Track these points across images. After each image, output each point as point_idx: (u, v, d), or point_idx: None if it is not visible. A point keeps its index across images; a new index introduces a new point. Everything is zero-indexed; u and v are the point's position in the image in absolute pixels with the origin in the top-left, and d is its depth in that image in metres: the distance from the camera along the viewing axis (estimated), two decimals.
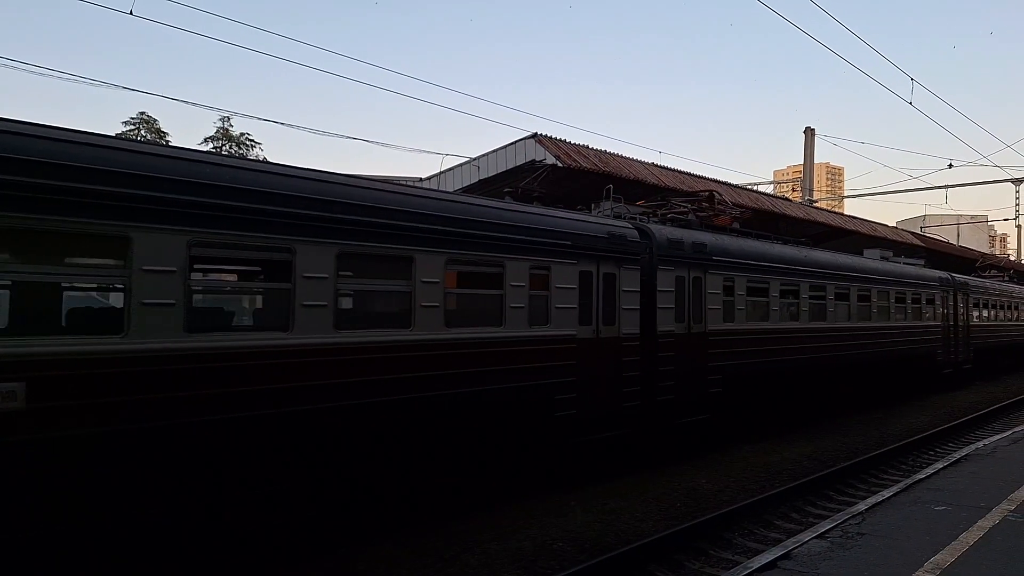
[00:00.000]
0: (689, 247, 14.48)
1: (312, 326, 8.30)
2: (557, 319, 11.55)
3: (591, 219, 13.08)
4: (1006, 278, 39.94)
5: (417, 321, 9.48)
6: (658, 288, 13.49)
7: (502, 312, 10.75)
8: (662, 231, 14.18)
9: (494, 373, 10.46)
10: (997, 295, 34.03)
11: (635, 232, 13.46)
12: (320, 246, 8.42)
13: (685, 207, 16.97)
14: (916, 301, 24.37)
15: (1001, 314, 34.62)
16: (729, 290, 15.37)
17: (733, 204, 19.27)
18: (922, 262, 27.85)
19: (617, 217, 14.41)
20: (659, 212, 16.29)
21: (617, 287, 12.66)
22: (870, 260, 23.14)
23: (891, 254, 26.20)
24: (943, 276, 27.31)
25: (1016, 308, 37.34)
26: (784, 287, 17.26)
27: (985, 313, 32.06)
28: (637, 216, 15.01)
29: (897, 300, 22.92)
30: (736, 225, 17.99)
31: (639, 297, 13.05)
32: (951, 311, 27.21)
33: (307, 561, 8.34)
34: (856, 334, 20.39)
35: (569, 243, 11.80)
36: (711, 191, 17.79)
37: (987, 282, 34.21)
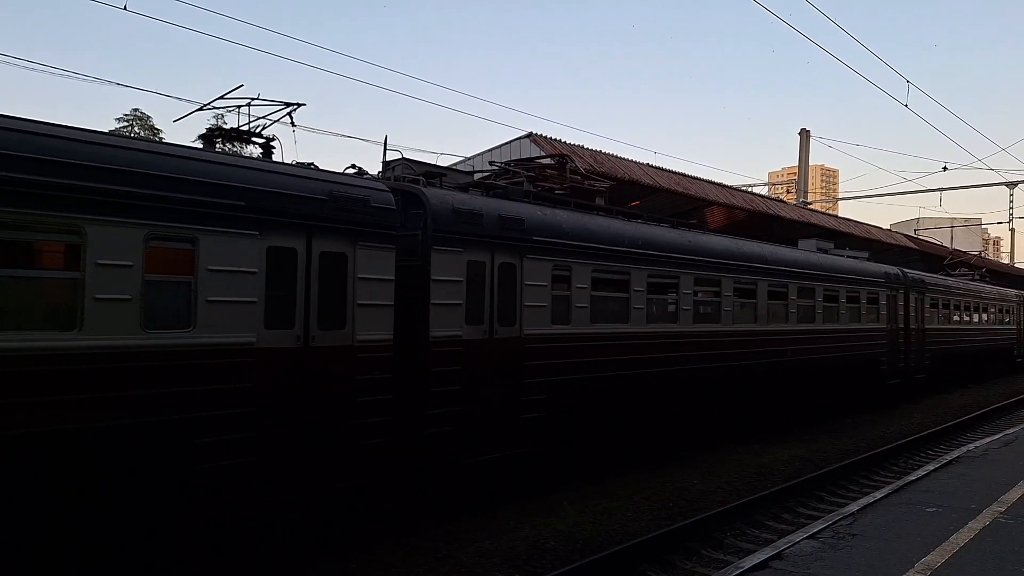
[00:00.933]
0: (493, 222, 10.77)
1: None
2: (210, 319, 7.65)
3: (296, 171, 9.04)
4: (977, 276, 36.78)
5: None
6: (434, 277, 9.85)
7: (79, 309, 6.84)
8: (445, 198, 10.42)
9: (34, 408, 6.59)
10: (962, 295, 30.33)
11: (388, 196, 9.51)
12: None
13: (521, 174, 13.32)
14: (853, 300, 20.76)
15: (967, 317, 30.88)
16: (562, 282, 11.89)
17: (599, 174, 16.31)
18: (866, 255, 24.25)
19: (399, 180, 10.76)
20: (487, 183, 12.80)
21: (349, 274, 8.88)
22: (790, 250, 19.25)
23: (831, 245, 22.82)
24: (891, 272, 23.62)
25: (986, 310, 33.89)
26: (655, 280, 13.72)
27: (947, 315, 28.24)
28: (416, 179, 10.94)
29: (827, 299, 19.39)
30: (601, 201, 14.74)
31: (394, 288, 9.36)
32: (901, 312, 23.67)
33: (298, 563, 8.33)
34: (765, 339, 16.66)
35: (242, 203, 7.94)
36: (561, 154, 13.92)
37: (949, 280, 30.44)
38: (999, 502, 9.02)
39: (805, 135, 44.36)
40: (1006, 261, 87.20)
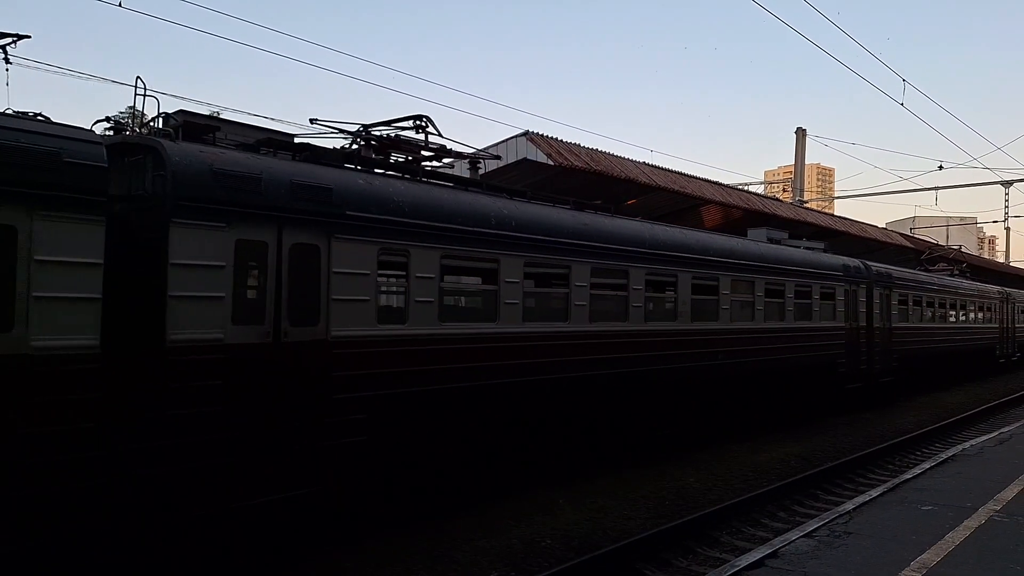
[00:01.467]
0: (281, 190, 8.33)
1: None
2: None
3: None
4: (957, 272, 34.51)
5: None
6: (175, 260, 7.40)
7: None
8: (200, 156, 7.87)
9: None
10: (937, 291, 28.13)
11: (96, 150, 7.03)
12: None
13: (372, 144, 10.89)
14: (804, 295, 18.52)
15: (943, 314, 28.67)
16: (396, 270, 9.63)
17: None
18: (822, 246, 21.94)
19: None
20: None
21: (21, 254, 6.46)
22: (724, 239, 16.81)
23: (786, 235, 20.79)
24: (851, 264, 21.50)
25: (964, 307, 31.64)
26: (536, 270, 11.53)
27: (919, 312, 26.15)
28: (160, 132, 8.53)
29: (770, 294, 17.12)
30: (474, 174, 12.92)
31: (102, 275, 6.90)
32: (863, 309, 21.58)
33: (294, 561, 8.31)
34: (689, 339, 14.37)
35: None
36: (420, 115, 11.25)
37: (921, 275, 28.13)
38: (995, 500, 9.04)
39: (801, 134, 44.41)
40: (1001, 260, 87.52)
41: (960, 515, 8.36)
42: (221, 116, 10.91)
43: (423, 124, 11.22)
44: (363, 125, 10.98)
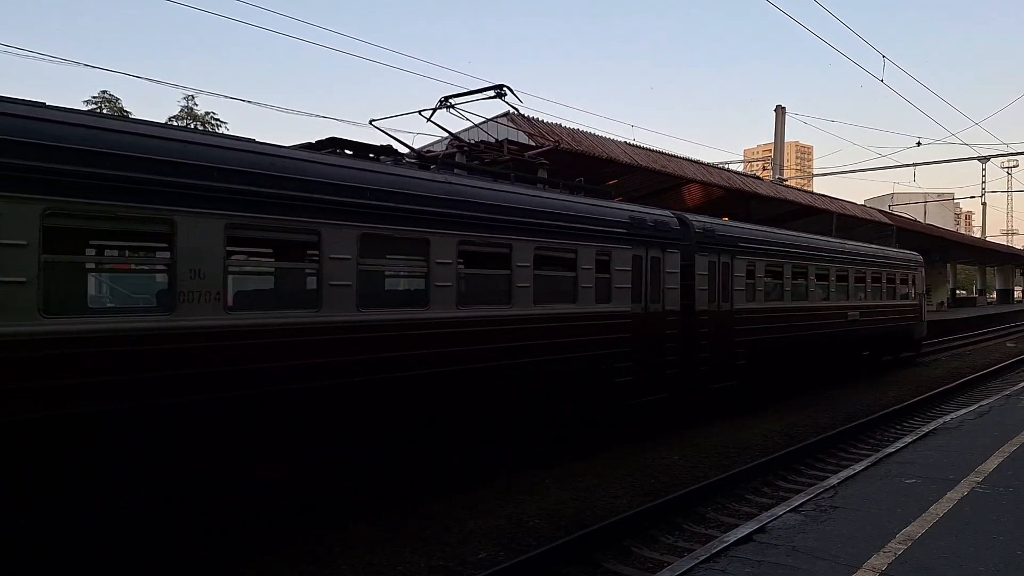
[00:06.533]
0: None
1: None
2: None
3: None
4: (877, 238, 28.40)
5: None
6: None
7: None
8: None
9: None
10: (817, 257, 20.72)
11: None
12: None
13: None
14: (563, 265, 12.33)
15: (824, 289, 21.23)
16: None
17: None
18: (614, 199, 15.22)
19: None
20: None
21: None
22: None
23: (582, 194, 13.69)
24: (650, 219, 14.40)
25: (864, 279, 23.84)
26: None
27: (781, 288, 18.84)
28: None
29: (474, 261, 11.04)
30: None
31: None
32: (672, 285, 14.67)
33: (282, 543, 8.29)
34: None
35: None
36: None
37: (787, 235, 19.99)
38: (976, 472, 9.17)
39: (781, 112, 44.63)
40: (977, 235, 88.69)
41: (943, 487, 8.47)
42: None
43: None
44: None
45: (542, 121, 19.21)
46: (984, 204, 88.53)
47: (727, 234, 16.82)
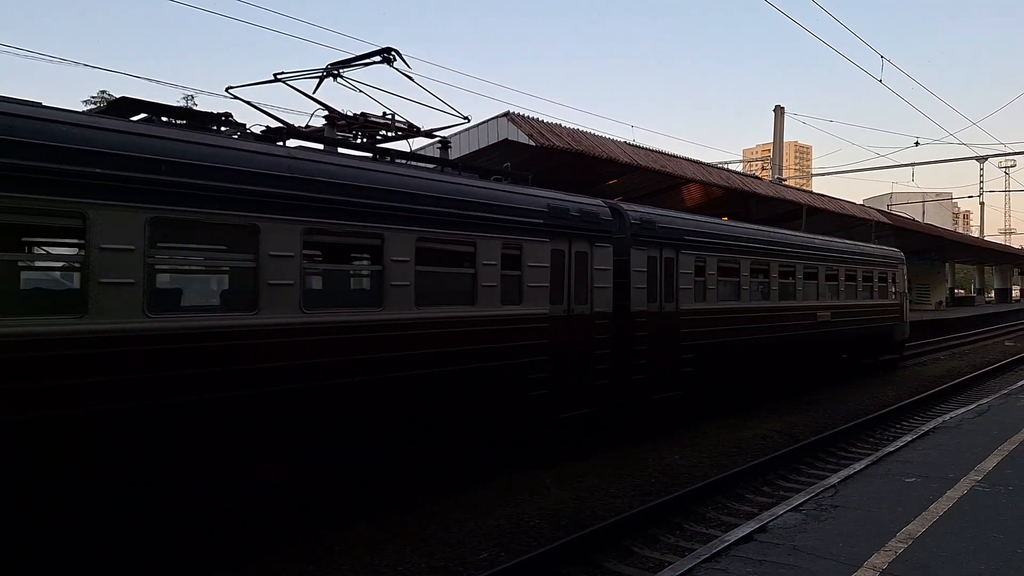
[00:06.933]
0: None
1: None
2: None
3: None
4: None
5: None
6: None
7: None
8: None
9: None
10: (783, 253, 18.70)
11: None
12: None
13: None
14: (458, 261, 10.63)
15: (791, 288, 19.00)
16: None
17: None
18: (527, 178, 12.59)
19: None
20: None
21: None
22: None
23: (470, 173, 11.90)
24: (575, 209, 12.45)
25: (836, 277, 21.58)
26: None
27: (737, 287, 16.85)
28: None
29: (366, 255, 10.22)
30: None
31: None
32: (603, 284, 12.81)
33: (282, 543, 8.28)
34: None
35: None
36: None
37: (738, 226, 17.80)
38: (976, 471, 9.19)
39: (780, 112, 44.67)
40: (976, 235, 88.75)
41: (943, 486, 8.49)
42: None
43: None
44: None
45: (542, 121, 19.20)
46: (982, 204, 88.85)
47: (670, 226, 14.77)
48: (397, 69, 11.12)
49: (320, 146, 10.24)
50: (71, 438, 6.72)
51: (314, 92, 11.00)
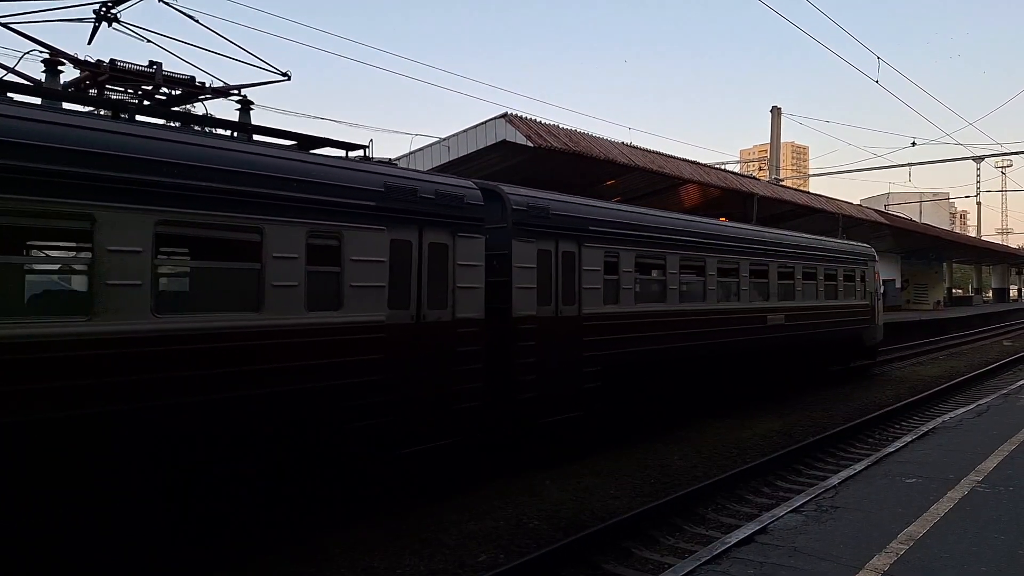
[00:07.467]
0: None
1: None
2: None
3: None
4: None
5: None
6: None
7: None
8: None
9: None
10: (719, 247, 16.26)
11: None
12: None
13: None
14: (232, 253, 8.30)
15: (728, 291, 16.63)
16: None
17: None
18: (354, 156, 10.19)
19: None
20: None
21: None
22: None
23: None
24: (443, 188, 10.38)
25: (792, 276, 19.10)
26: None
27: (664, 287, 14.47)
28: None
29: (66, 243, 8.17)
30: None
31: None
32: (471, 284, 10.56)
33: (281, 546, 8.24)
34: None
35: None
36: None
37: (661, 216, 15.16)
38: (976, 471, 9.16)
39: (777, 112, 44.69)
40: (973, 235, 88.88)
41: (943, 487, 8.47)
42: None
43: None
44: None
45: (540, 122, 19.17)
46: (979, 204, 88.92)
47: (569, 214, 12.48)
48: (180, 11, 9.26)
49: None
50: None
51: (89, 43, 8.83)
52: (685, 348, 14.85)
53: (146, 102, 9.49)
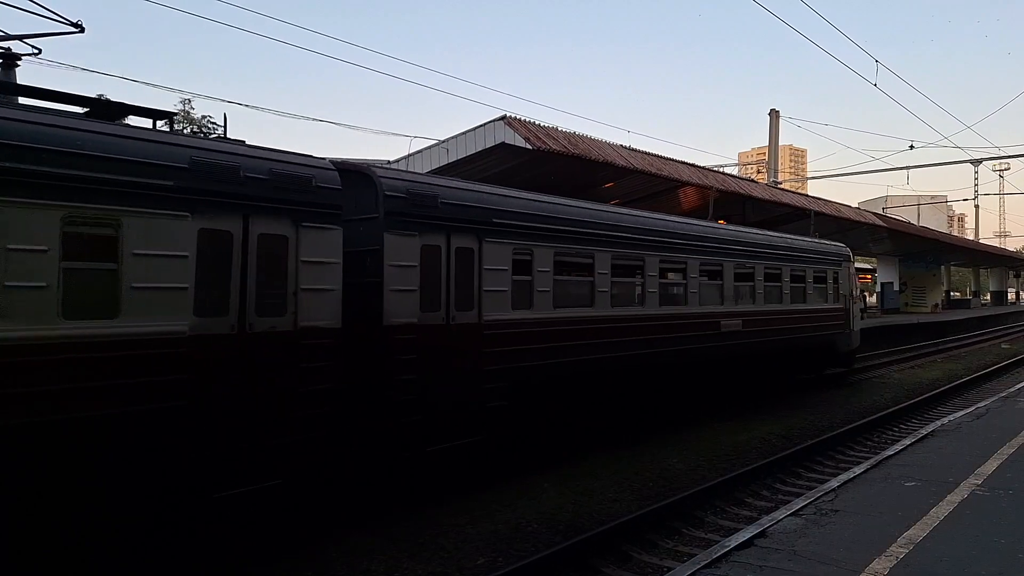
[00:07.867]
0: None
1: None
2: None
3: None
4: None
5: None
6: None
7: None
8: None
9: None
10: (661, 244, 14.51)
11: None
12: None
13: None
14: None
15: (672, 293, 15.02)
16: None
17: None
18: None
19: None
20: None
21: None
22: None
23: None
24: (283, 168, 8.40)
25: (754, 277, 17.56)
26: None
27: (592, 288, 12.78)
28: None
29: None
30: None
31: None
32: (326, 284, 8.65)
33: (281, 551, 8.21)
34: None
35: None
36: None
37: (588, 208, 13.36)
38: (976, 474, 9.14)
39: (775, 115, 44.71)
40: (971, 237, 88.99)
41: (943, 490, 8.45)
42: None
43: None
44: None
45: (539, 125, 19.16)
46: (977, 207, 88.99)
47: (466, 203, 10.65)
48: None
49: None
50: None
51: None
52: (617, 359, 13.12)
53: None
